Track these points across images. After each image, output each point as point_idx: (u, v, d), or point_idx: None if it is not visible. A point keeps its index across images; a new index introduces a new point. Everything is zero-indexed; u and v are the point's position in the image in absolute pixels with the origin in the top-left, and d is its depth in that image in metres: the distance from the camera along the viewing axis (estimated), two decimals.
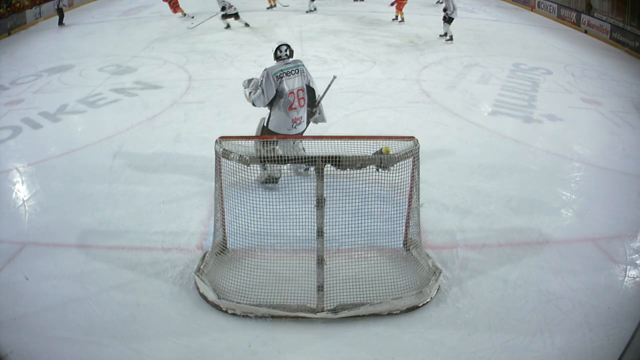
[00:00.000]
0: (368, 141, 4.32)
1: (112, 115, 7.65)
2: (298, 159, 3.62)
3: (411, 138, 3.87)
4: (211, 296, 3.81)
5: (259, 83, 4.93)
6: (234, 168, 3.72)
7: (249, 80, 5.14)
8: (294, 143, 5.15)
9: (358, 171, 3.69)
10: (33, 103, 8.16)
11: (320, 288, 3.70)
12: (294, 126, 5.04)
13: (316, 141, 3.90)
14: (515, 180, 5.77)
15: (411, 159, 3.87)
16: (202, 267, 4.05)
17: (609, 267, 4.41)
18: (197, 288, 3.96)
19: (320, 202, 3.57)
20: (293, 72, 4.96)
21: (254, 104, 5.03)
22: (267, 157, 3.59)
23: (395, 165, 3.80)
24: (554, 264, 4.38)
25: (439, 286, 4.02)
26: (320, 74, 9.28)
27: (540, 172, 6.01)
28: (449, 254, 4.47)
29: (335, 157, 3.61)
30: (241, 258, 4.12)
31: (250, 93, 5.03)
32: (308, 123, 5.27)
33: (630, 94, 9.15)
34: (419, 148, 3.85)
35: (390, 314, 3.75)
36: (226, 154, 3.68)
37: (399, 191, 4.16)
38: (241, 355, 3.45)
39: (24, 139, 6.83)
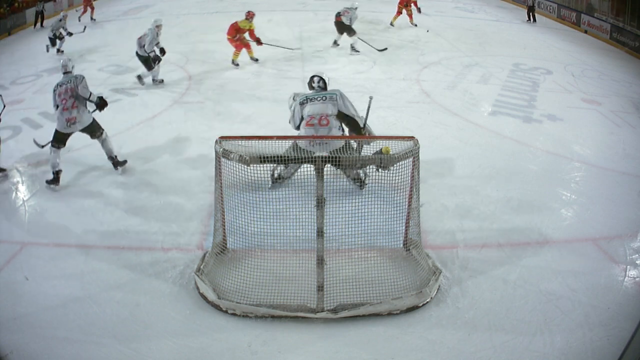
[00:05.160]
0: (368, 141, 4.33)
1: (112, 115, 7.62)
2: (298, 158, 3.62)
3: (411, 138, 3.88)
4: (211, 296, 3.81)
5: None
6: (234, 168, 3.72)
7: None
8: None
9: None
10: (33, 103, 8.17)
11: (320, 288, 3.70)
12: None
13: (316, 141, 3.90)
14: (515, 180, 5.77)
15: (411, 159, 3.87)
16: (202, 267, 4.05)
17: (609, 267, 4.41)
18: (197, 288, 3.96)
19: (320, 202, 3.57)
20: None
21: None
22: (267, 157, 3.59)
23: (395, 165, 3.80)
24: (554, 264, 4.38)
25: (439, 286, 4.02)
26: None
27: (540, 172, 6.01)
28: (449, 254, 4.47)
29: (335, 157, 3.62)
30: (241, 258, 4.12)
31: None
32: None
33: (630, 94, 9.16)
34: (419, 148, 3.86)
35: (390, 314, 3.75)
36: (226, 154, 3.68)
37: (399, 191, 4.16)
38: (241, 355, 3.45)
39: (24, 139, 6.83)
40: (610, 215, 5.14)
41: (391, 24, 13.79)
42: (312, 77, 5.31)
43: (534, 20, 15.54)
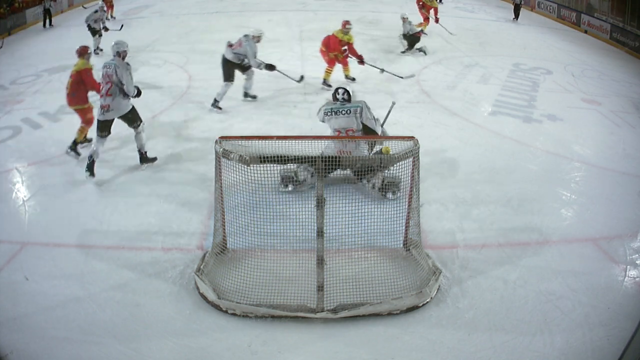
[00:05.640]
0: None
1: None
2: (298, 158, 3.62)
3: (411, 138, 3.88)
4: (211, 296, 3.81)
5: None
6: (234, 168, 3.72)
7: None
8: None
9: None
10: (33, 103, 8.16)
11: (320, 288, 3.70)
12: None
13: (316, 141, 3.91)
14: (515, 180, 5.77)
15: (411, 159, 3.88)
16: (202, 267, 4.05)
17: (609, 267, 4.41)
18: (197, 288, 3.96)
19: (320, 202, 3.57)
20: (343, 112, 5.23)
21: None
22: (267, 157, 3.59)
23: (395, 165, 3.81)
24: (554, 264, 4.38)
25: (439, 286, 4.02)
26: (322, 74, 9.30)
27: (540, 172, 6.01)
28: (449, 254, 4.47)
29: (335, 157, 3.62)
30: (241, 258, 4.12)
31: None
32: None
33: (630, 94, 9.16)
34: (419, 148, 3.86)
35: (390, 314, 3.75)
36: (226, 154, 3.68)
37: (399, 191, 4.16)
38: (241, 355, 3.45)
39: (24, 139, 6.83)
40: (610, 215, 5.15)
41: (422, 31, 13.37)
42: (337, 89, 5.37)
43: (517, 18, 15.47)
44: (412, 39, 11.17)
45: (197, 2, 17.53)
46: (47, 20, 14.67)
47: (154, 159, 5.96)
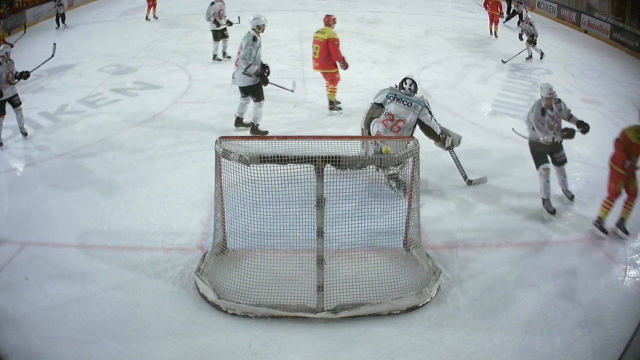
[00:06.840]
0: (368, 141, 4.31)
1: (112, 115, 7.65)
2: (298, 158, 3.62)
3: (411, 138, 3.88)
4: (211, 296, 3.81)
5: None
6: (234, 168, 3.72)
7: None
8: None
9: (358, 171, 3.69)
10: (33, 103, 8.15)
11: (320, 288, 3.70)
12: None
13: (316, 141, 3.90)
14: (515, 180, 5.77)
15: (411, 159, 3.88)
16: (202, 267, 4.05)
17: (609, 267, 4.41)
18: (197, 288, 3.96)
19: (320, 202, 3.57)
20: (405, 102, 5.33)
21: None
22: (267, 157, 3.59)
23: (395, 165, 3.81)
24: (554, 264, 4.38)
25: (439, 286, 4.02)
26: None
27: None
28: (449, 254, 4.47)
29: (335, 157, 3.62)
30: (241, 258, 4.12)
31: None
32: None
33: (630, 94, 9.15)
34: (419, 148, 3.86)
35: (390, 314, 3.75)
36: (226, 154, 3.68)
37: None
38: (241, 355, 3.45)
39: (24, 139, 6.83)
40: (610, 215, 5.13)
41: (495, 34, 13.03)
42: (405, 78, 5.40)
43: (507, 20, 14.76)
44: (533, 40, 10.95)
45: (197, 2, 17.49)
46: (62, 21, 14.54)
47: (265, 132, 6.36)
